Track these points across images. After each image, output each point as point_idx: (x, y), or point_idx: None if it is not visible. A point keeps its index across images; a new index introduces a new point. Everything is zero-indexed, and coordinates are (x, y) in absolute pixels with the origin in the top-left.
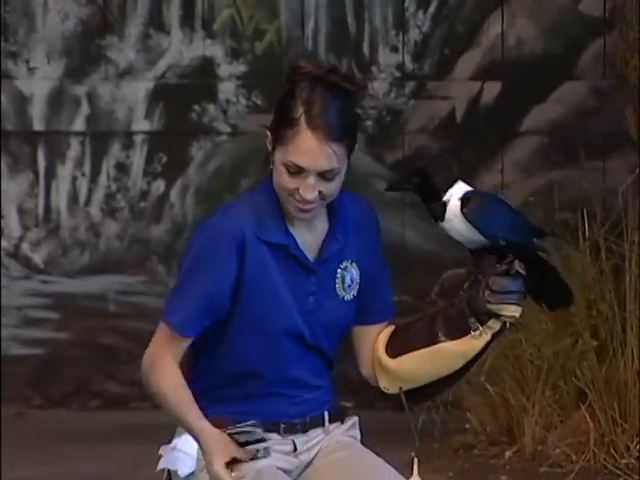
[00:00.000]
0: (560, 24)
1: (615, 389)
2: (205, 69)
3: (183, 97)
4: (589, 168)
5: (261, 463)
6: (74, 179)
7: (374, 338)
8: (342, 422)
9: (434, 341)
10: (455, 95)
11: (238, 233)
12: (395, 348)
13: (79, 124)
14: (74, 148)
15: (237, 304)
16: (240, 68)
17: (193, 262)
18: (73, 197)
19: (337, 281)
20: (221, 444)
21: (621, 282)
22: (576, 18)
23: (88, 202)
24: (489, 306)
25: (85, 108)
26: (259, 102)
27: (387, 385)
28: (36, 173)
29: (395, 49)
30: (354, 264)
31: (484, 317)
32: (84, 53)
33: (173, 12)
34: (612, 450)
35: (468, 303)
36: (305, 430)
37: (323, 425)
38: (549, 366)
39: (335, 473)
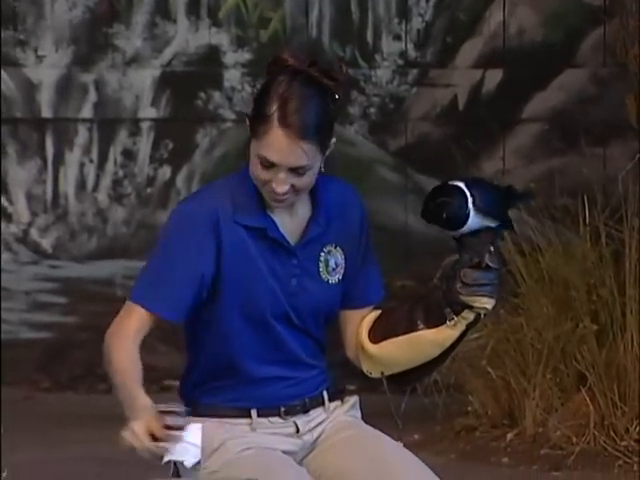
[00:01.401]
0: (561, 12)
1: (615, 372)
2: (211, 57)
3: (189, 85)
4: (589, 155)
5: (263, 448)
6: (82, 165)
7: (359, 322)
8: (342, 401)
9: (413, 329)
10: (457, 83)
11: (212, 215)
12: (377, 334)
13: (87, 111)
14: (82, 135)
15: (220, 289)
16: (245, 56)
17: (164, 244)
18: (81, 183)
19: (320, 265)
20: (149, 413)
21: (621, 267)
22: (576, 6)
23: (96, 188)
24: (461, 297)
25: (93, 95)
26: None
27: (370, 369)
28: (44, 159)
29: (398, 37)
30: (338, 248)
31: (458, 308)
32: (92, 41)
33: (179, 0)
34: (612, 432)
35: (444, 293)
36: (305, 410)
37: (323, 404)
38: (550, 350)
39: (342, 452)
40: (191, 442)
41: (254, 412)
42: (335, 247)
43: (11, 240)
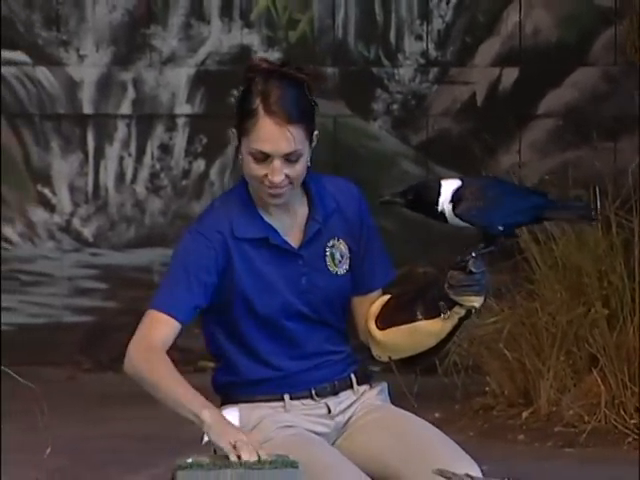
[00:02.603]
0: (574, 14)
1: (625, 354)
2: (243, 56)
3: (222, 82)
4: (601, 148)
5: (299, 428)
6: (121, 159)
7: (368, 307)
8: (371, 386)
9: (413, 319)
10: (476, 80)
11: (218, 238)
12: (383, 321)
13: (126, 108)
14: (121, 130)
15: (232, 301)
16: (275, 55)
17: (177, 260)
18: (120, 176)
19: (327, 259)
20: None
21: (631, 255)
22: (589, 8)
23: (134, 180)
24: (450, 295)
25: (131, 93)
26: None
27: (379, 353)
28: (86, 153)
29: (420, 37)
30: (341, 241)
31: (450, 303)
32: (130, 41)
33: (213, 3)
34: (622, 411)
35: (438, 289)
36: (335, 392)
37: (352, 387)
38: (563, 333)
39: (372, 432)
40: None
41: (287, 396)
42: (338, 240)
43: (55, 229)
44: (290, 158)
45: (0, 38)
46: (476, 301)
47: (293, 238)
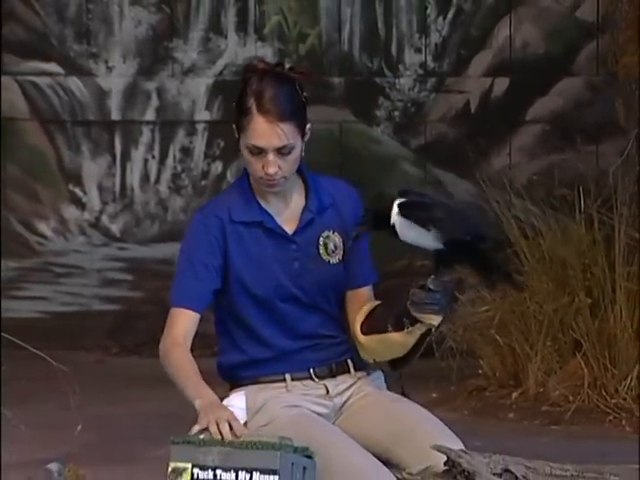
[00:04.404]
0: (559, 28)
1: (606, 340)
2: None
3: (238, 91)
4: (584, 152)
5: (297, 409)
6: (145, 161)
7: (358, 301)
8: (368, 374)
9: (384, 329)
10: (470, 89)
11: (216, 222)
12: (366, 327)
13: (150, 114)
14: (145, 135)
15: (230, 283)
16: (286, 67)
17: (182, 254)
18: (145, 176)
19: (320, 248)
20: (223, 411)
21: (611, 249)
22: (573, 23)
23: (157, 181)
24: (412, 313)
25: (155, 101)
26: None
27: (363, 355)
28: (113, 156)
29: (419, 50)
30: (336, 234)
31: (412, 319)
32: (154, 54)
33: (230, 19)
34: (603, 392)
35: (403, 306)
36: (333, 375)
37: (349, 372)
38: (549, 320)
39: (366, 414)
40: (237, 406)
41: (288, 376)
42: (333, 232)
43: (85, 225)
44: (283, 151)
45: (0, 39)
46: (435, 320)
47: (288, 225)
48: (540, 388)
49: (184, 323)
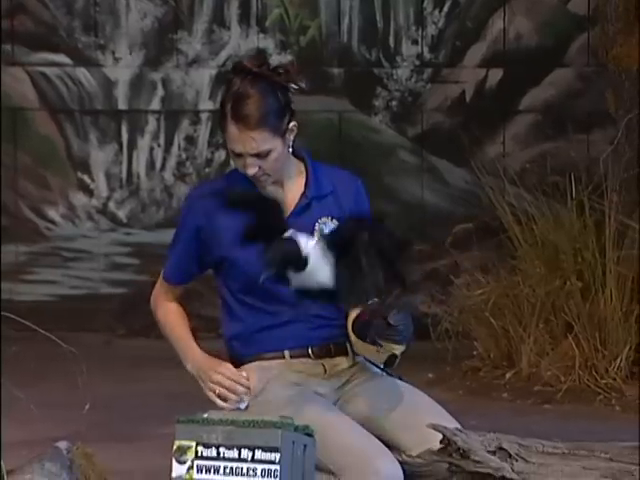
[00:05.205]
0: (552, 21)
1: (597, 322)
2: None
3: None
4: (575, 140)
5: (297, 388)
6: (151, 149)
7: None
8: (365, 359)
9: (365, 339)
10: (465, 80)
11: (204, 204)
12: (356, 327)
13: (155, 104)
14: (151, 124)
15: (227, 263)
16: (287, 57)
17: (176, 229)
18: (150, 164)
19: (316, 233)
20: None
21: (602, 234)
22: (565, 16)
23: (163, 168)
24: (376, 339)
25: (160, 91)
26: (303, 86)
27: (355, 350)
28: (120, 144)
29: (415, 42)
30: (334, 220)
31: (378, 342)
32: (159, 45)
33: (232, 11)
34: (594, 372)
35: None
36: (331, 355)
37: (347, 354)
38: (542, 303)
39: (365, 397)
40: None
41: (287, 353)
42: (331, 219)
43: (93, 211)
44: (260, 155)
45: (0, 32)
46: (397, 349)
47: (286, 208)
48: (533, 369)
49: (167, 293)
